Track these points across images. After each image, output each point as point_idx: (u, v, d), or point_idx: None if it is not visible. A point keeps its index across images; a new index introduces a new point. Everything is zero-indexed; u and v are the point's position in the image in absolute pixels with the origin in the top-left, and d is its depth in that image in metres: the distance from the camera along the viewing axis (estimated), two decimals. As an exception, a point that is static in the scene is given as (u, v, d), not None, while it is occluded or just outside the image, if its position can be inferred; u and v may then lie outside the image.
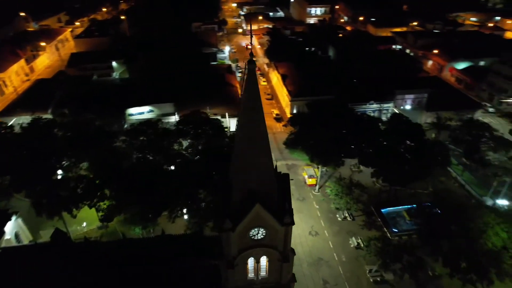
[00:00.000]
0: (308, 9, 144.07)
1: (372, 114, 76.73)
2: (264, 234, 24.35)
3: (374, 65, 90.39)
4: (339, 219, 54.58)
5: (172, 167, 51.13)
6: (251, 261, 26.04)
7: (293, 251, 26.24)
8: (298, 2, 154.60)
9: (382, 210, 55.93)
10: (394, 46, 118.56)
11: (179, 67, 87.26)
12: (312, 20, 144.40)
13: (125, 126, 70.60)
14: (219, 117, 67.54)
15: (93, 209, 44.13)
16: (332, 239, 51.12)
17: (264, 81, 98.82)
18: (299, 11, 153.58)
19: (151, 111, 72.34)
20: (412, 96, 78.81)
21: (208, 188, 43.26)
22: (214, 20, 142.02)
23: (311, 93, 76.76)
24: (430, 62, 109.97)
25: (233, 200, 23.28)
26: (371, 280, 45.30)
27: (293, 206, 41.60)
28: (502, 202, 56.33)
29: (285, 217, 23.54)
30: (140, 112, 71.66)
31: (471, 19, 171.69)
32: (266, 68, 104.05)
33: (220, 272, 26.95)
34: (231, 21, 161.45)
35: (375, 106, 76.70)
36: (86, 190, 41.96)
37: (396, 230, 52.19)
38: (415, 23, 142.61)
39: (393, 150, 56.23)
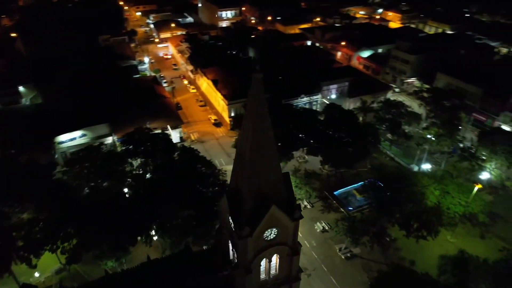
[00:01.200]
0: (219, 12, 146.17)
1: (304, 107, 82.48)
2: (276, 233, 25.55)
3: (294, 61, 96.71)
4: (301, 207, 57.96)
5: (130, 190, 48.58)
6: (263, 262, 27.00)
7: (299, 243, 27.95)
8: (207, 6, 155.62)
9: (335, 193, 61.15)
10: (306, 42, 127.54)
11: (101, 84, 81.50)
12: (224, 24, 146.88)
13: (56, 156, 63.96)
14: (159, 131, 65.60)
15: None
16: (300, 229, 54.00)
17: (193, 89, 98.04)
18: (209, 15, 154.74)
19: (83, 135, 66.62)
20: (335, 85, 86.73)
21: (179, 202, 42.30)
22: (122, 31, 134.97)
23: (246, 94, 78.82)
24: (339, 53, 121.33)
25: (245, 207, 23.95)
26: (343, 257, 49.56)
27: None
28: (426, 166, 66.25)
29: (295, 213, 25.07)
30: (71, 138, 65.50)
31: (360, 12, 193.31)
32: (192, 75, 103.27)
33: (234, 282, 27.34)
34: (140, 30, 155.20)
35: (305, 99, 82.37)
36: (46, 233, 37.48)
37: (351, 208, 57.66)
38: (318, 19, 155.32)
39: (335, 136, 61.91)
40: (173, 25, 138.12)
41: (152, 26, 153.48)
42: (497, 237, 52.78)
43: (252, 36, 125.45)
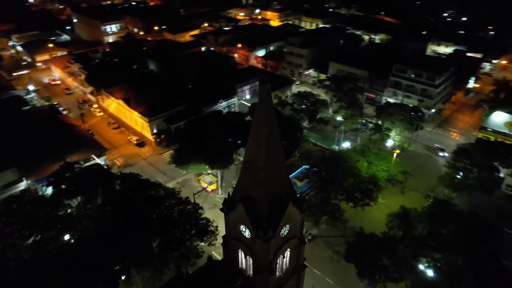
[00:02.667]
0: (103, 27, 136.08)
1: (223, 109, 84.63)
2: (288, 228, 27.40)
3: (198, 69, 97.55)
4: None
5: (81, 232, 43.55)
6: (279, 260, 28.59)
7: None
8: (86, 22, 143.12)
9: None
10: (201, 48, 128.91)
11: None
12: (111, 38, 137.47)
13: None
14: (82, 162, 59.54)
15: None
16: (259, 226, 56.48)
17: (99, 112, 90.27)
18: (91, 31, 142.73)
19: (-15, 189, 55.92)
20: (248, 86, 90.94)
21: (148, 232, 40.14)
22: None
23: (164, 108, 77.14)
24: (236, 55, 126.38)
25: (264, 211, 25.18)
26: (306, 241, 53.60)
27: (212, 215, 44.82)
28: (345, 145, 75.70)
29: (302, 206, 27.33)
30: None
31: (240, 14, 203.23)
32: (93, 98, 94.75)
33: (256, 286, 28.23)
34: (5, 54, 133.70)
35: (224, 103, 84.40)
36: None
37: (298, 195, 62.34)
38: (206, 24, 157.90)
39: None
40: (50, 45, 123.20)
41: (20, 48, 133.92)
42: (412, 190, 64.13)
43: (144, 48, 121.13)
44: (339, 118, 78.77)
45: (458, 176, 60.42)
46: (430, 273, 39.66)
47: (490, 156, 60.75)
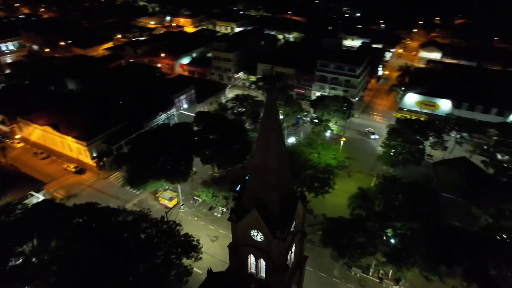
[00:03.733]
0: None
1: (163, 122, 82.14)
2: (295, 224, 28.91)
3: (126, 83, 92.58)
4: (218, 215, 60.19)
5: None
6: (289, 256, 29.96)
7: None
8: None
9: (236, 189, 65.93)
10: (122, 61, 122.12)
11: None
12: (9, 58, 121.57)
13: None
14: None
15: None
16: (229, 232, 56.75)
17: (18, 143, 79.90)
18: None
19: None
20: (184, 95, 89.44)
21: (130, 261, 37.91)
22: None
23: (101, 129, 71.95)
24: (159, 65, 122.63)
25: (276, 212, 26.33)
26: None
27: (187, 230, 44.05)
28: (291, 140, 79.72)
29: (305, 200, 29.03)
30: None
31: (151, 22, 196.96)
32: (7, 128, 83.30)
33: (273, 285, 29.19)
34: None
35: (163, 116, 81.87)
36: None
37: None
38: (119, 36, 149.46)
39: (218, 140, 65.87)
40: None
41: None
42: (357, 172, 70.80)
43: (57, 66, 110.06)
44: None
45: (392, 154, 68.68)
46: (398, 241, 44.86)
47: (414, 132, 70.32)
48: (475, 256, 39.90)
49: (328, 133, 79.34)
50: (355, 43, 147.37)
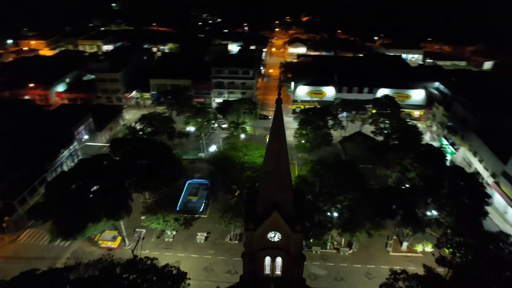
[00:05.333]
0: None
1: (67, 160, 72.80)
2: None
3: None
4: (170, 240, 57.61)
5: None
6: (296, 248, 32.61)
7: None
8: None
9: (177, 209, 64.16)
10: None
11: None
12: None
13: None
14: None
15: None
16: (190, 252, 55.43)
17: None
18: None
19: None
20: (82, 126, 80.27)
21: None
22: None
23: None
24: (27, 97, 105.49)
25: (291, 210, 28.79)
26: (236, 241, 57.24)
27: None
28: (211, 149, 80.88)
29: (304, 195, 32.20)
30: None
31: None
32: None
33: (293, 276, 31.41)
34: None
35: (66, 153, 72.37)
36: None
37: (201, 210, 63.86)
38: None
39: (144, 166, 62.38)
40: None
41: None
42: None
43: None
44: (191, 128, 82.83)
45: (305, 141, 77.42)
46: (347, 211, 51.98)
47: (316, 118, 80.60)
48: (406, 206, 49.96)
49: (242, 135, 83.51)
50: (231, 47, 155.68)
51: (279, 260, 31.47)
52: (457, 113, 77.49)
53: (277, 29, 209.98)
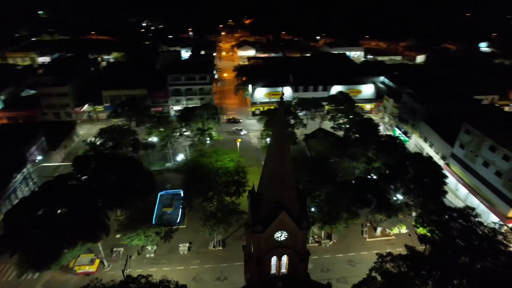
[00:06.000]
0: None
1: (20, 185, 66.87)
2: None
3: None
4: (151, 255, 55.71)
5: None
6: (298, 245, 33.81)
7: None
8: None
9: (153, 223, 62.12)
10: None
11: None
12: None
13: None
14: None
15: None
16: (175, 265, 54.14)
17: None
18: None
19: None
20: (34, 146, 74.06)
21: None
22: None
23: None
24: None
25: (294, 209, 29.88)
26: (220, 248, 57.00)
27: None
28: (179, 158, 79.24)
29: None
30: None
31: None
32: None
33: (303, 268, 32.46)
34: None
35: (19, 176, 66.42)
36: None
37: (179, 221, 62.49)
38: None
39: (114, 183, 59.34)
40: None
41: None
42: (250, 166, 77.85)
43: None
44: (153, 138, 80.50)
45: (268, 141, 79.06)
46: (326, 205, 54.35)
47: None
48: (379, 193, 53.71)
49: (208, 141, 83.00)
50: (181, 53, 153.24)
51: (284, 258, 32.49)
52: (406, 104, 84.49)
53: (223, 33, 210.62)
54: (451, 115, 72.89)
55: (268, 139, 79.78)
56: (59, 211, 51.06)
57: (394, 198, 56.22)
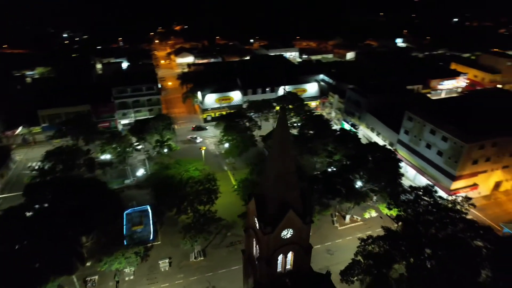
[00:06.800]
0: None
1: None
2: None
3: None
4: (131, 277, 53.04)
5: None
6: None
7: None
8: None
9: (125, 244, 58.84)
10: None
11: None
12: None
13: None
14: None
15: None
16: (158, 280, 52.30)
17: None
18: None
19: None
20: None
21: None
22: None
23: None
24: None
25: (298, 206, 31.46)
26: (201, 258, 56.31)
27: None
28: (139, 173, 75.92)
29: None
30: None
31: None
32: None
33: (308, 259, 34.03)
34: None
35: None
36: None
37: (152, 238, 60.20)
38: None
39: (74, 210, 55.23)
40: None
41: None
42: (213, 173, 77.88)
43: None
44: (106, 156, 76.27)
45: (232, 146, 79.93)
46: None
47: (237, 122, 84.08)
48: (347, 183, 57.83)
49: (165, 150, 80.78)
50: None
51: (289, 255, 33.87)
52: (351, 98, 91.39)
53: (156, 41, 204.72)
54: (392, 105, 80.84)
55: (226, 145, 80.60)
56: (20, 246, 46.31)
57: (359, 186, 60.87)
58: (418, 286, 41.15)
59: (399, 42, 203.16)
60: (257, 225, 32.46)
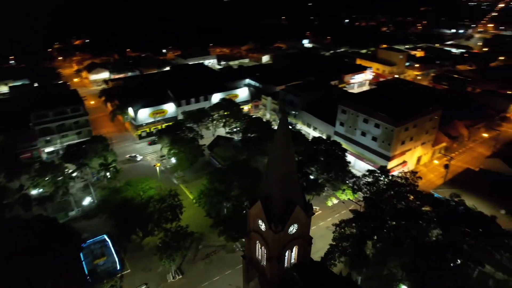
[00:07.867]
0: None
1: None
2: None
3: None
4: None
5: None
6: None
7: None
8: None
9: (91, 281, 53.80)
10: None
11: None
12: None
13: None
14: None
15: None
16: (139, 313, 49.32)
17: None
18: None
19: None
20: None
21: None
22: None
23: None
24: None
25: (301, 203, 33.85)
26: (179, 277, 54.69)
27: None
28: (85, 202, 69.32)
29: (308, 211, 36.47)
30: None
31: None
32: None
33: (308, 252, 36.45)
34: None
35: None
36: None
37: (119, 268, 55.89)
38: None
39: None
40: None
41: None
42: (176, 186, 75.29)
43: None
44: (39, 190, 68.43)
45: (180, 159, 78.53)
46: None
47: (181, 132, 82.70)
48: (306, 177, 62.20)
49: (107, 174, 75.43)
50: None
51: (294, 249, 36.03)
52: (284, 99, 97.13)
53: (60, 58, 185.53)
54: (322, 101, 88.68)
55: (173, 159, 78.92)
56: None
57: (314, 178, 65.91)
58: (389, 254, 47.16)
59: (306, 43, 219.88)
60: (263, 226, 33.92)
